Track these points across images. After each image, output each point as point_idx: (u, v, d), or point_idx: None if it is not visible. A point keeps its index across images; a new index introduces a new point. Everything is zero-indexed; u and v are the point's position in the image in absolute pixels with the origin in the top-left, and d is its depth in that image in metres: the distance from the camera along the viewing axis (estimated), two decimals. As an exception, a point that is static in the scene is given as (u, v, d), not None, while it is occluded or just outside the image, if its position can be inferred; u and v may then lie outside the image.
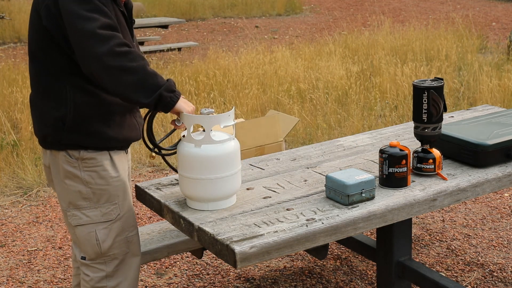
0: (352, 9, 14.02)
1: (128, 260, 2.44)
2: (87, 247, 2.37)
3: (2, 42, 11.07)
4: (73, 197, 2.33)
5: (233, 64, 7.64)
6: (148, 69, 2.15)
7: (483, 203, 4.21)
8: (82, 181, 2.31)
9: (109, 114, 2.29)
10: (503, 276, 3.29)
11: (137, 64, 2.12)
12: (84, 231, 2.35)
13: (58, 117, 2.24)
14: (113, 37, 2.10)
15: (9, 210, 4.35)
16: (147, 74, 2.14)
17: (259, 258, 1.96)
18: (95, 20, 2.09)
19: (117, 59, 2.09)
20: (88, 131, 2.26)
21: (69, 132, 2.25)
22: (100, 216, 2.34)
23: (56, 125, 2.25)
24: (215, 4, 14.26)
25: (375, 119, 5.95)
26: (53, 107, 2.25)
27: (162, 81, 2.16)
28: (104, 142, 2.30)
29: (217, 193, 2.21)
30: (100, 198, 2.33)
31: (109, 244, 2.37)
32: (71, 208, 2.35)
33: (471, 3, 14.03)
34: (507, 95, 6.19)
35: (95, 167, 2.31)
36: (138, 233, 2.49)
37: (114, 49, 2.09)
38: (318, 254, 3.17)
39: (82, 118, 2.24)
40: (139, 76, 2.12)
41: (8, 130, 5.51)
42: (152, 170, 5.01)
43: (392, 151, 2.32)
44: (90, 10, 2.11)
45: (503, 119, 2.87)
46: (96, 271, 2.40)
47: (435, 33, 9.12)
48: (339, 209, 2.19)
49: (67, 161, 2.30)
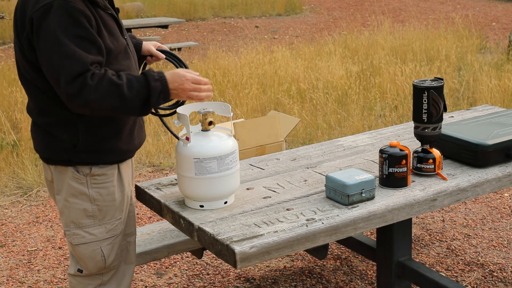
0: (352, 9, 14.02)
1: (122, 268, 2.41)
2: (90, 264, 2.30)
3: (2, 42, 11.07)
4: (76, 216, 2.24)
5: (233, 64, 7.64)
6: (124, 87, 2.06)
7: (483, 203, 4.21)
8: (89, 198, 2.22)
9: (120, 128, 2.23)
10: (503, 276, 3.29)
11: (114, 89, 2.04)
12: (87, 249, 2.27)
13: (69, 139, 2.16)
14: (82, 88, 2.00)
15: (9, 210, 4.35)
16: (125, 93, 2.06)
17: (259, 258, 1.96)
18: (62, 74, 2.00)
19: (98, 103, 2.03)
20: (101, 150, 2.20)
21: (81, 152, 2.18)
22: (105, 232, 2.27)
23: (67, 147, 2.17)
24: (215, 4, 14.26)
25: (375, 119, 5.95)
26: (60, 129, 2.16)
27: (142, 85, 2.10)
28: (117, 156, 2.25)
29: (209, 193, 2.21)
30: (106, 214, 2.26)
31: (113, 257, 2.33)
32: (72, 228, 2.26)
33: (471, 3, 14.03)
34: (507, 95, 6.19)
35: (105, 183, 2.24)
36: (135, 241, 2.46)
37: (90, 98, 2.01)
38: (318, 254, 3.17)
39: (94, 138, 2.17)
40: (125, 101, 2.06)
41: (8, 130, 5.51)
42: (152, 170, 5.01)
43: (392, 151, 2.32)
44: (61, 56, 2.00)
45: (503, 119, 2.87)
46: (92, 281, 2.35)
47: (435, 33, 9.12)
48: (339, 209, 2.19)
49: (74, 178, 2.21)
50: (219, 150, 2.17)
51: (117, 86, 2.04)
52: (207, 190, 2.20)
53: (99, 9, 2.16)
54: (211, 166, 2.16)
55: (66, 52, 2.00)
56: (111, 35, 2.17)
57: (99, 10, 2.16)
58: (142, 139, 2.40)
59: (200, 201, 2.23)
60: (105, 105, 2.04)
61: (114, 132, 2.21)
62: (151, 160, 5.17)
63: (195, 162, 2.17)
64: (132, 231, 2.44)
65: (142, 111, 2.14)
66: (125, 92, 2.04)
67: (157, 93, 2.10)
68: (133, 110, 2.11)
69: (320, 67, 7.35)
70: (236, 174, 2.24)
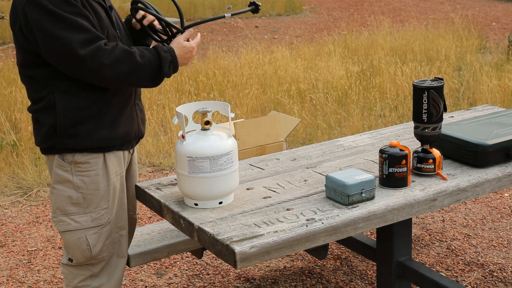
0: (352, 9, 14.02)
1: (113, 261, 2.43)
2: (77, 252, 2.35)
3: (2, 42, 11.06)
4: (61, 203, 2.32)
5: (233, 64, 7.64)
6: (138, 59, 2.20)
7: (483, 203, 4.21)
8: (73, 186, 2.29)
9: (101, 114, 2.27)
10: (503, 276, 3.29)
11: (129, 58, 2.17)
12: (73, 237, 2.33)
13: (50, 124, 2.24)
14: (96, 51, 2.12)
15: (9, 210, 4.35)
16: (140, 64, 2.20)
17: (259, 258, 1.96)
18: (72, 41, 2.10)
19: (111, 68, 2.14)
20: (80, 135, 2.25)
21: (62, 137, 2.25)
22: (90, 221, 2.32)
23: (49, 132, 2.26)
24: (215, 4, 14.26)
25: (375, 119, 5.95)
26: (44, 114, 2.26)
27: (156, 58, 2.24)
28: (98, 143, 2.29)
29: (202, 192, 2.21)
30: (91, 203, 2.31)
31: (99, 248, 2.36)
32: (58, 214, 2.33)
33: (471, 3, 14.03)
34: (507, 95, 6.20)
35: (88, 172, 2.29)
36: (127, 234, 2.47)
37: (104, 62, 2.12)
38: (318, 254, 3.17)
39: (72, 122, 2.24)
40: (137, 68, 2.19)
41: (8, 130, 5.51)
42: (152, 170, 5.01)
43: (392, 151, 2.33)
44: (66, 28, 2.10)
45: (503, 119, 2.87)
46: (82, 271, 2.38)
47: (435, 33, 9.12)
48: (339, 209, 2.19)
49: (59, 165, 2.29)
50: (211, 150, 2.17)
51: (130, 54, 2.18)
52: (199, 189, 2.21)
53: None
54: (203, 165, 2.17)
55: (70, 23, 2.11)
56: (100, 22, 2.25)
57: (91, 1, 2.25)
58: (132, 132, 2.41)
59: (194, 200, 2.24)
60: (118, 70, 2.15)
61: (93, 116, 2.26)
62: (151, 160, 5.17)
63: (188, 161, 2.18)
64: (124, 224, 2.45)
65: (153, 81, 2.25)
66: (138, 59, 2.18)
67: (168, 63, 2.25)
68: (144, 79, 2.23)
69: (320, 67, 7.35)
70: (231, 175, 2.23)
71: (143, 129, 2.52)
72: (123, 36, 2.40)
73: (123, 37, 2.39)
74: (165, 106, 6.18)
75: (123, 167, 2.43)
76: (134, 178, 2.60)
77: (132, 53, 2.18)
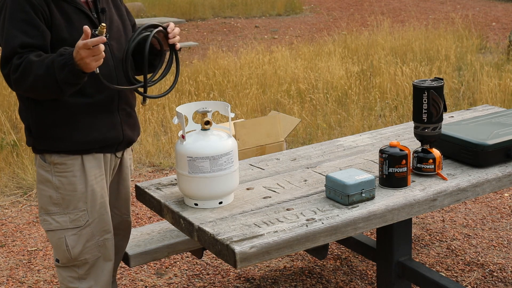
0: (352, 9, 14.02)
1: (99, 264, 2.42)
2: (58, 252, 2.38)
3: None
4: (44, 202, 2.35)
5: (232, 64, 7.64)
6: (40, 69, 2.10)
7: (483, 203, 4.21)
8: (53, 186, 2.31)
9: (74, 117, 2.26)
10: (503, 276, 3.29)
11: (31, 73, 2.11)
12: (54, 236, 2.36)
13: (27, 125, 2.30)
14: (8, 70, 2.14)
15: (9, 210, 4.35)
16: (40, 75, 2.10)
17: (259, 258, 1.96)
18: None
19: (20, 83, 2.13)
20: (54, 136, 2.27)
21: (37, 138, 2.28)
22: (68, 222, 2.33)
23: (27, 133, 2.32)
24: (215, 4, 14.25)
25: (375, 119, 5.95)
26: (22, 115, 2.32)
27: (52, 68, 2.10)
28: (73, 145, 2.28)
29: (202, 192, 2.21)
30: (69, 204, 2.32)
31: (79, 250, 2.35)
32: (42, 213, 2.36)
33: (471, 3, 14.03)
34: (507, 95, 6.20)
35: (65, 173, 2.31)
36: (112, 238, 2.46)
37: (12, 77, 2.13)
38: (318, 254, 3.17)
39: (45, 123, 2.26)
40: (39, 77, 2.10)
41: (8, 130, 5.51)
42: (152, 170, 5.01)
43: (392, 151, 2.33)
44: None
45: (503, 119, 2.87)
46: (68, 273, 2.40)
47: (435, 33, 9.12)
48: (339, 209, 2.19)
49: (41, 165, 2.33)
50: (211, 150, 2.17)
51: (30, 64, 2.09)
52: (199, 189, 2.21)
53: (62, 1, 2.22)
54: (203, 165, 2.17)
55: (7, 33, 2.15)
56: (71, 25, 2.21)
57: (61, 2, 2.22)
58: (113, 137, 2.37)
59: (194, 200, 2.24)
60: (25, 84, 2.12)
61: (65, 120, 2.26)
62: (151, 160, 5.18)
63: (188, 161, 2.18)
64: (109, 228, 2.44)
65: (60, 90, 2.11)
66: (37, 70, 2.08)
67: (60, 67, 2.06)
68: (53, 89, 2.10)
69: (320, 67, 7.34)
70: (231, 175, 2.23)
71: (132, 135, 2.46)
72: (115, 39, 2.34)
73: (114, 40, 2.33)
74: (165, 106, 6.19)
75: (104, 171, 2.40)
76: (126, 181, 2.57)
77: (32, 63, 2.09)
